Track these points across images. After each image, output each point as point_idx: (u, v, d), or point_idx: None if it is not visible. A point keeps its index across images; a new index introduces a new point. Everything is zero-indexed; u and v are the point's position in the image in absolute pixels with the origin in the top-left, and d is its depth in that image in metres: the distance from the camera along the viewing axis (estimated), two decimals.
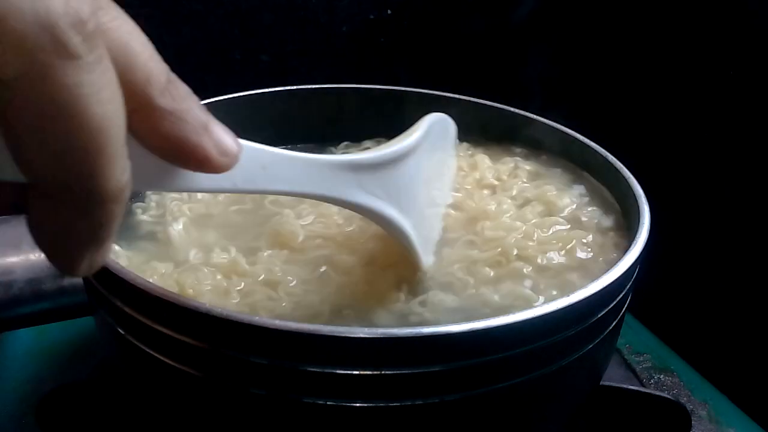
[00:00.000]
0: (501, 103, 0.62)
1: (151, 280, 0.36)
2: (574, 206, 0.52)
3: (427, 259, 0.44)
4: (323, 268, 0.45)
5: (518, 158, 0.60)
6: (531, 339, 0.35)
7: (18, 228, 0.47)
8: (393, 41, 0.82)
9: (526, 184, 0.56)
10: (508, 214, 0.51)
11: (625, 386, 0.47)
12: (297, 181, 0.33)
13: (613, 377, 0.47)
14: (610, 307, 0.39)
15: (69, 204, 0.21)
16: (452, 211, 0.52)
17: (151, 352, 0.36)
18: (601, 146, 0.54)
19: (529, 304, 0.42)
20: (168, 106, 0.23)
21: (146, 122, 0.23)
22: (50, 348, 0.61)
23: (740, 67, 0.63)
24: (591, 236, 0.49)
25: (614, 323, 0.41)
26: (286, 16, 0.77)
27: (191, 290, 0.42)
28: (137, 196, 0.53)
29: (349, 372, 0.33)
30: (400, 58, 0.83)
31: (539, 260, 0.46)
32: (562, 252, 0.47)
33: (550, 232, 0.49)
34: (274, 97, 0.63)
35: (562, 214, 0.51)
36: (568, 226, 0.50)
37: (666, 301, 0.70)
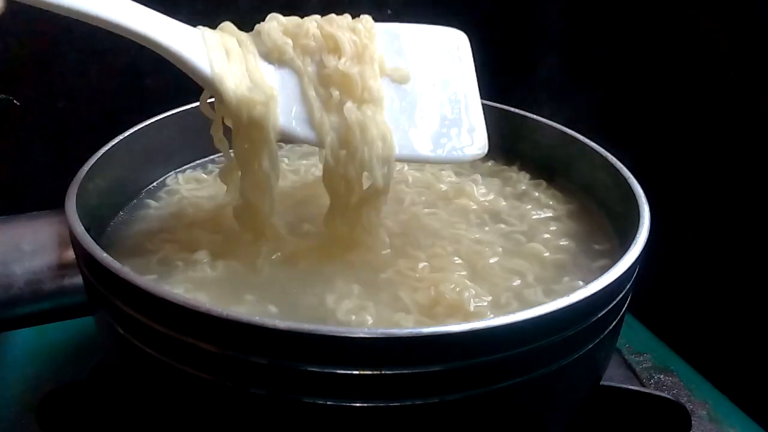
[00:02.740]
0: (500, 103, 0.62)
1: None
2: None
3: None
4: None
5: (512, 173, 0.60)
6: (531, 339, 0.35)
7: (18, 228, 0.47)
8: None
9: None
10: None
11: (625, 386, 0.47)
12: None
13: (613, 377, 0.47)
14: (610, 307, 0.39)
15: None
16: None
17: (151, 352, 0.36)
18: (601, 146, 0.54)
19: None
20: None
21: None
22: (50, 348, 0.61)
23: (740, 68, 0.63)
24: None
25: (614, 323, 0.41)
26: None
27: None
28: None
29: (349, 372, 0.33)
30: None
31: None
32: None
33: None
34: None
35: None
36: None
37: (666, 301, 0.70)
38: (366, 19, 0.49)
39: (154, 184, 0.57)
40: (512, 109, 0.62)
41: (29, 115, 0.72)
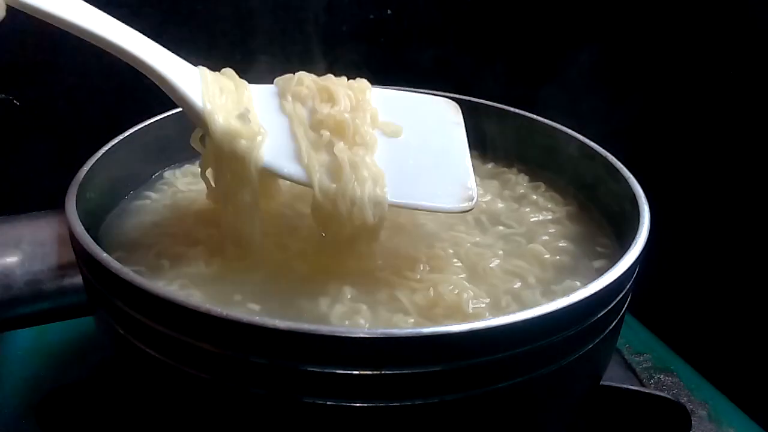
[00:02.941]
0: (500, 103, 0.62)
1: None
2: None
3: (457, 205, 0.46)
4: None
5: (511, 175, 0.60)
6: (531, 339, 0.35)
7: (18, 228, 0.47)
8: (393, 41, 0.82)
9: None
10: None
11: (625, 386, 0.47)
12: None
13: (613, 377, 0.47)
14: (610, 307, 0.39)
15: None
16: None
17: (151, 352, 0.36)
18: (600, 146, 0.54)
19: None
20: None
21: None
22: (50, 348, 0.61)
23: (740, 68, 0.63)
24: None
25: (614, 323, 0.41)
26: (286, 16, 0.77)
27: None
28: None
29: (349, 372, 0.33)
30: (400, 58, 0.83)
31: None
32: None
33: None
34: None
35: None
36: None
37: (666, 301, 0.70)
38: (360, 80, 0.50)
39: (152, 177, 0.58)
40: (512, 109, 0.62)
41: (29, 115, 0.72)
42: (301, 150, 0.44)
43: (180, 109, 0.56)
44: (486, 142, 0.63)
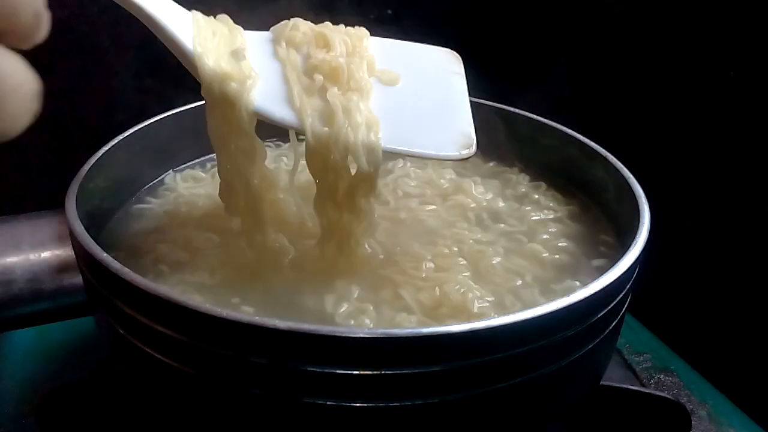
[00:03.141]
0: (500, 103, 0.62)
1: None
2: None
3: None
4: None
5: (512, 175, 0.60)
6: (531, 339, 0.35)
7: (18, 228, 0.47)
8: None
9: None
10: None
11: (625, 386, 0.47)
12: None
13: (613, 377, 0.47)
14: (610, 307, 0.39)
15: None
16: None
17: (151, 352, 0.36)
18: (601, 146, 0.54)
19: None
20: None
21: None
22: (50, 348, 0.61)
23: (740, 67, 0.63)
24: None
25: (614, 323, 0.41)
26: (286, 16, 0.77)
27: None
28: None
29: (349, 372, 0.33)
30: None
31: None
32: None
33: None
34: None
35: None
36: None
37: (666, 301, 0.70)
38: (359, 28, 0.49)
39: (153, 182, 0.58)
40: (512, 109, 0.62)
41: None
42: (293, 94, 0.43)
43: (181, 109, 0.57)
44: (486, 141, 0.63)
